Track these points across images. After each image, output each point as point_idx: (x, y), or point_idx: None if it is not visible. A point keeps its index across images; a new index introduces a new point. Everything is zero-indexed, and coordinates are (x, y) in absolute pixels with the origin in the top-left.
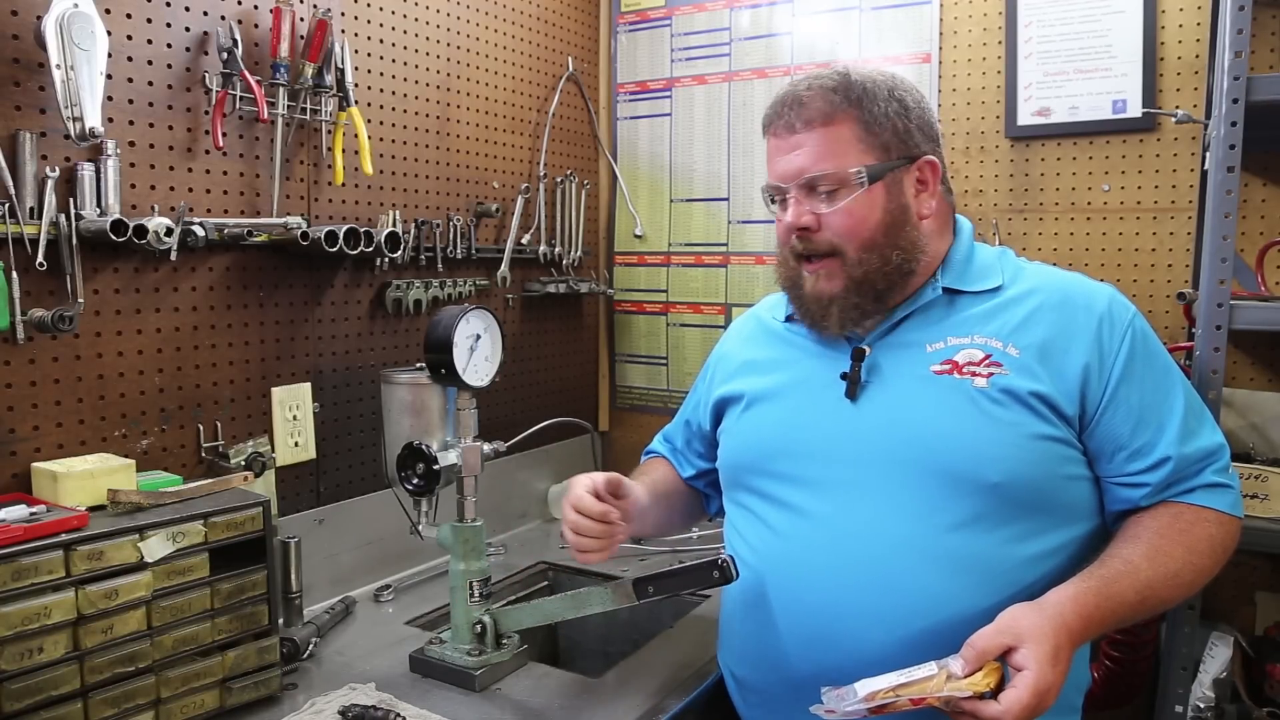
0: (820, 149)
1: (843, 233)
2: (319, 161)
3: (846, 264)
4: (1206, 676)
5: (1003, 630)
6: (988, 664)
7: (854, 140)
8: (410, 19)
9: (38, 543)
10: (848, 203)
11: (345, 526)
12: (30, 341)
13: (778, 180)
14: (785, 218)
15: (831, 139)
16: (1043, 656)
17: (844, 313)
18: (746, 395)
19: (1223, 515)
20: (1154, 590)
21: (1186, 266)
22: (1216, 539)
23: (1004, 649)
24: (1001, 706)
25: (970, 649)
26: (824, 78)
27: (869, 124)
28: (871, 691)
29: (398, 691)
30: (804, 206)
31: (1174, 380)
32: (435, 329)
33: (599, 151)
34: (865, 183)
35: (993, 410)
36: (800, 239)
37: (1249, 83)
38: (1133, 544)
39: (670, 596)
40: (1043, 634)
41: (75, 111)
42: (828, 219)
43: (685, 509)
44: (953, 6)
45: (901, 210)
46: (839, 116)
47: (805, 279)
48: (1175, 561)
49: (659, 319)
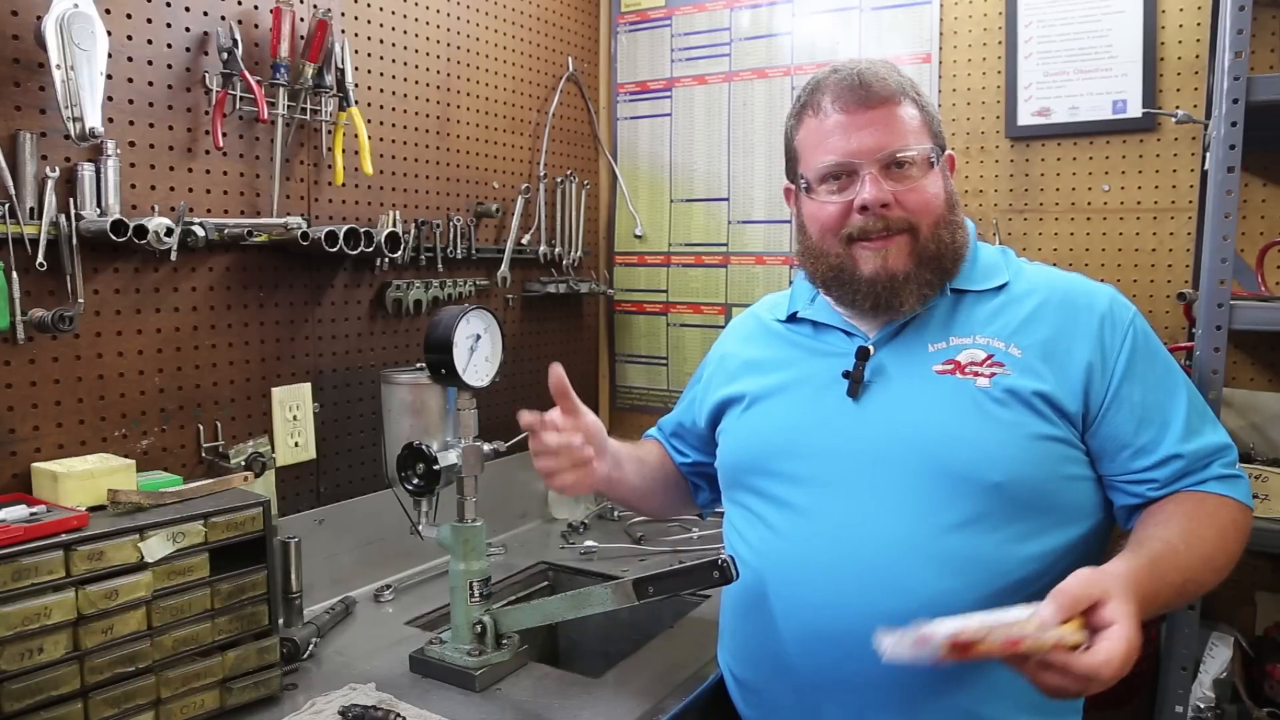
0: (899, 126)
1: (919, 209)
2: (319, 161)
3: (919, 241)
4: (1206, 677)
5: (1091, 583)
6: (1075, 618)
7: (919, 120)
8: (410, 19)
9: (38, 543)
10: (924, 179)
11: (345, 526)
12: (30, 341)
13: (849, 156)
14: (863, 194)
15: (904, 117)
16: (1131, 613)
17: (920, 288)
18: (748, 396)
19: (1240, 504)
20: (1193, 573)
21: (1186, 266)
22: (1240, 524)
23: (1093, 601)
24: (1100, 659)
25: (1062, 595)
26: (877, 64)
27: (923, 108)
28: (956, 630)
29: (398, 691)
30: (882, 184)
31: (1176, 379)
32: (435, 329)
33: (599, 151)
34: (935, 162)
35: (995, 410)
36: (878, 217)
37: (1249, 83)
38: (1166, 526)
39: (670, 597)
40: (1127, 591)
41: (75, 111)
42: (903, 196)
43: (669, 486)
44: (953, 6)
45: (951, 193)
46: (904, 97)
47: (863, 259)
48: (1209, 544)
49: (659, 319)
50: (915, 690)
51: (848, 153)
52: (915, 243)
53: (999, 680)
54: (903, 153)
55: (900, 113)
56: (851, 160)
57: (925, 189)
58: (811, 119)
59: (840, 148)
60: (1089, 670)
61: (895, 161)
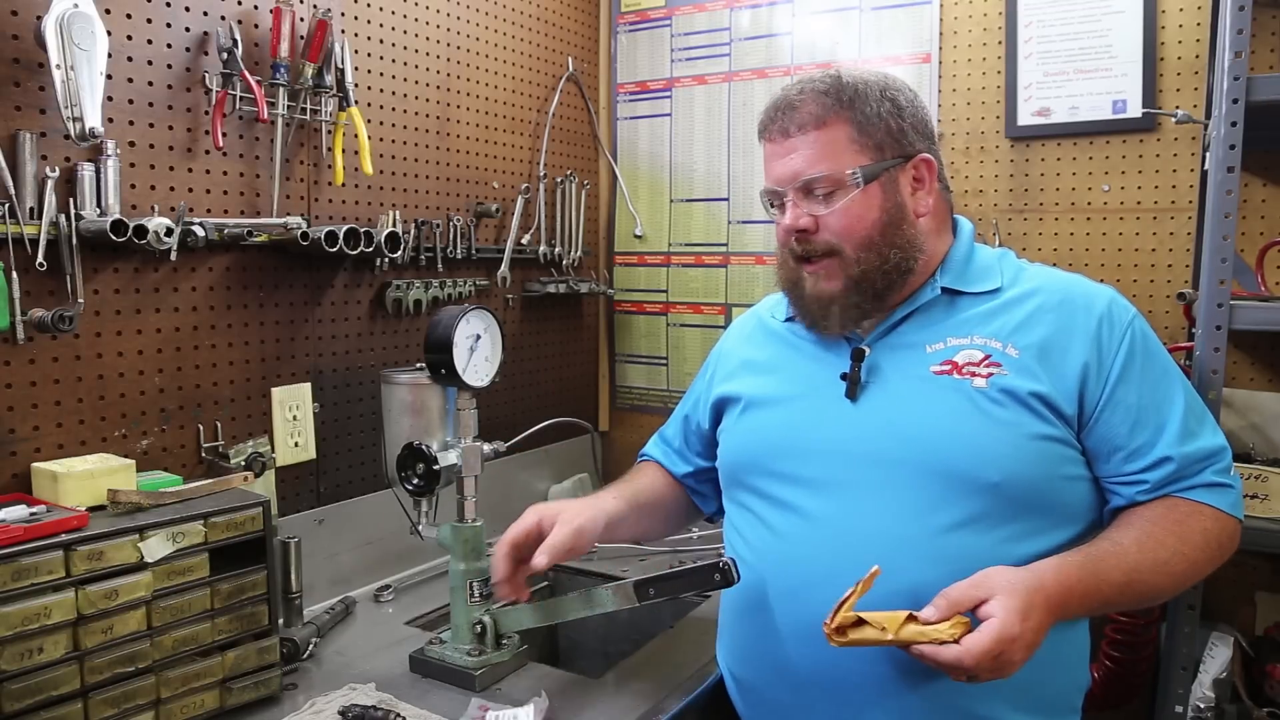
0: (814, 151)
1: (840, 233)
2: (319, 161)
3: (845, 263)
4: (1206, 676)
5: (977, 584)
6: (956, 617)
7: (847, 142)
8: (410, 19)
9: (38, 543)
10: (844, 203)
11: (345, 526)
12: (30, 341)
13: (774, 184)
14: (784, 220)
15: (825, 141)
16: (1011, 608)
17: (844, 312)
18: (745, 396)
19: (1220, 513)
20: (1141, 575)
21: (1186, 266)
22: (1211, 534)
23: (976, 602)
24: (960, 649)
25: (942, 598)
26: (816, 81)
27: (862, 125)
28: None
29: (398, 691)
30: (801, 209)
31: (1174, 382)
32: (435, 329)
33: (599, 151)
34: (860, 183)
35: (992, 410)
36: (799, 241)
37: (1249, 83)
38: (1124, 529)
39: (671, 599)
40: (1015, 589)
41: (75, 111)
42: (825, 220)
43: (670, 516)
44: (953, 6)
45: (898, 209)
46: (831, 119)
47: (805, 280)
48: (1165, 550)
49: (659, 319)
50: (912, 690)
51: (773, 179)
52: (844, 265)
53: (996, 685)
54: (815, 181)
55: (824, 136)
56: (776, 187)
57: (848, 212)
58: (763, 143)
59: (771, 174)
60: (950, 660)
61: (810, 187)
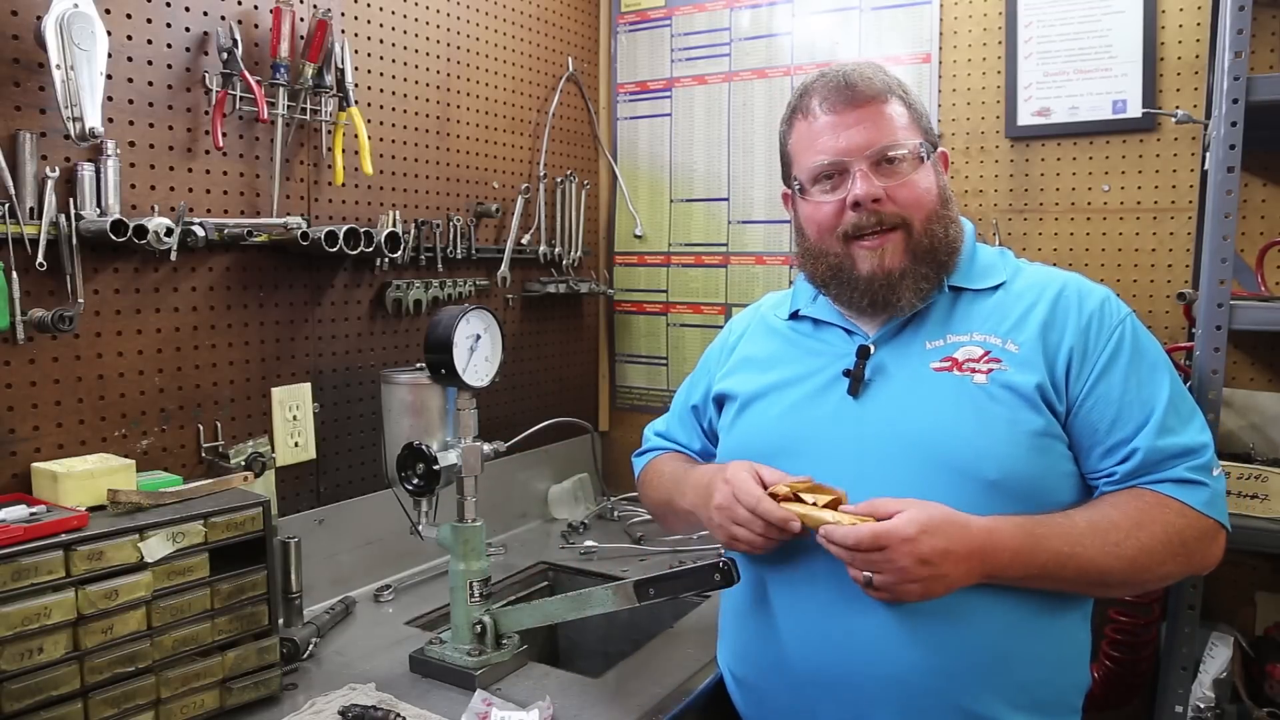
0: (887, 122)
1: (910, 204)
2: (319, 161)
3: (913, 236)
4: (1206, 676)
5: (904, 500)
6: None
7: (906, 117)
8: (410, 19)
9: (38, 543)
10: (914, 174)
11: (345, 526)
12: (30, 341)
13: (839, 155)
14: (854, 190)
15: (891, 114)
16: (911, 517)
17: (916, 284)
18: (742, 393)
19: (1188, 509)
20: (1086, 551)
21: (1186, 266)
22: (1174, 527)
23: (894, 511)
24: (846, 529)
25: (868, 502)
26: (863, 64)
27: (910, 105)
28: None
29: (398, 691)
30: (873, 179)
31: (1161, 381)
32: (435, 329)
33: (599, 151)
34: (924, 156)
35: (991, 407)
36: (871, 212)
37: (1249, 83)
38: (1082, 509)
39: (671, 599)
40: (927, 508)
41: (75, 111)
42: (894, 191)
43: None
44: (953, 6)
45: (944, 188)
46: (891, 95)
47: (861, 258)
48: (1118, 532)
49: (659, 319)
50: (912, 689)
51: (838, 151)
52: (909, 238)
53: (996, 679)
54: (892, 148)
55: (887, 110)
56: (842, 159)
57: (916, 184)
58: (801, 122)
59: (830, 147)
60: (838, 538)
61: (885, 157)
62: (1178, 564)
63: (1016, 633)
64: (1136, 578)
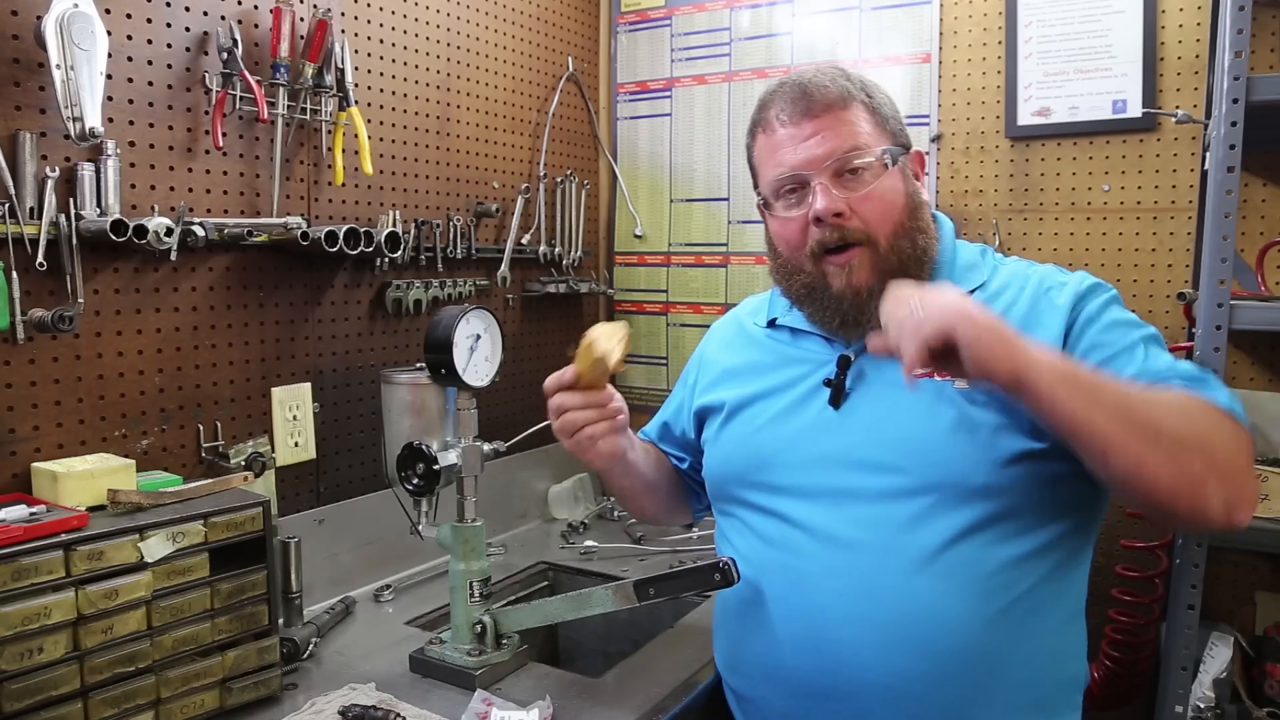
0: (845, 130)
1: (874, 217)
2: (319, 161)
3: (879, 253)
4: (1206, 676)
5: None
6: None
7: (869, 123)
8: (410, 19)
9: (38, 543)
10: (876, 185)
11: (345, 526)
12: (30, 341)
13: (797, 169)
14: (816, 205)
15: (850, 121)
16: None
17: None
18: (727, 405)
19: (1213, 403)
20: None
21: (1186, 266)
22: (1205, 407)
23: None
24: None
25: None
26: (823, 70)
27: (875, 109)
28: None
29: (398, 691)
30: (833, 193)
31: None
32: (435, 329)
33: (599, 151)
34: (889, 164)
35: (973, 412)
36: (834, 227)
37: (1249, 83)
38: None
39: (671, 599)
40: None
41: (75, 111)
42: (858, 204)
43: (672, 484)
44: (953, 6)
45: (913, 194)
46: (851, 101)
47: (832, 276)
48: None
49: (659, 319)
50: (908, 696)
51: (795, 165)
52: (876, 256)
53: (990, 682)
54: (853, 158)
55: (847, 116)
56: (801, 172)
57: (882, 195)
58: (762, 135)
59: (789, 160)
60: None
61: (847, 168)
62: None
63: (1006, 633)
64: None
